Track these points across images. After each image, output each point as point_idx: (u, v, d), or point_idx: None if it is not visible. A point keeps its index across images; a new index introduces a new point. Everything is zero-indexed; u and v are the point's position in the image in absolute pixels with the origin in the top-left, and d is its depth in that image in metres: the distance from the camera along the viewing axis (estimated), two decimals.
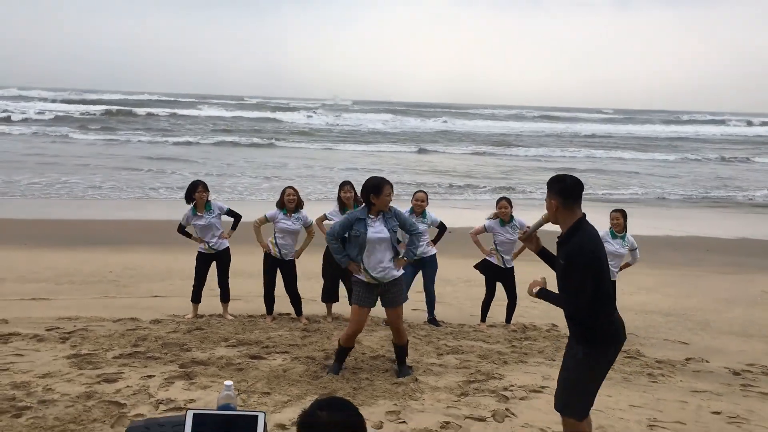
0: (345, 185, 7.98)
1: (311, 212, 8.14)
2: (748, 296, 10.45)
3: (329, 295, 8.19)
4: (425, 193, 8.41)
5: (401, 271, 5.93)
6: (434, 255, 8.34)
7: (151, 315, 7.74)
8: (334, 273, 8.01)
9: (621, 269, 8.21)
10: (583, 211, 3.97)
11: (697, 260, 13.26)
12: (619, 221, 8.05)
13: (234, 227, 8.10)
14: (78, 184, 19.73)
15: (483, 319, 8.23)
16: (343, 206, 7.85)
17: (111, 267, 10.62)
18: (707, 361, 7.07)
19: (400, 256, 5.93)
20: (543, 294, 4.08)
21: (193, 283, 7.95)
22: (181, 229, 8.05)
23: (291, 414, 4.79)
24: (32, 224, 13.98)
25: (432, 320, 8.19)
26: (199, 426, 2.39)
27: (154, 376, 5.47)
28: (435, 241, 8.33)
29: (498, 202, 8.18)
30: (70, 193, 18.58)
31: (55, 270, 10.18)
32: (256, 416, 2.43)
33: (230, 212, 8.04)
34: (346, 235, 5.83)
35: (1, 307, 7.81)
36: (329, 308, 8.24)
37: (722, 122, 77.68)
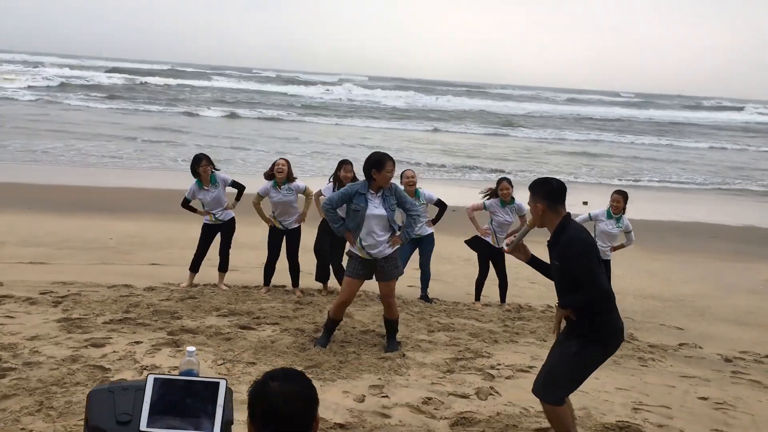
0: (345, 164, 7.89)
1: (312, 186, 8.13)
2: (749, 284, 10.37)
3: (322, 275, 8.17)
4: (413, 171, 8.28)
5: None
6: (431, 234, 8.29)
7: (146, 282, 7.77)
8: (324, 252, 7.99)
9: (614, 250, 8.14)
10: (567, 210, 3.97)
11: (701, 247, 13.15)
12: (619, 204, 7.96)
13: (238, 198, 8.09)
14: (89, 151, 19.83)
15: (477, 297, 8.21)
16: (340, 186, 7.79)
17: (112, 234, 10.66)
18: (700, 347, 7.02)
19: (396, 235, 5.90)
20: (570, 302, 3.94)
21: (194, 252, 7.97)
22: (186, 204, 8.04)
23: None
24: (39, 189, 14.05)
25: (424, 297, 8.18)
26: (160, 391, 2.38)
27: (141, 342, 5.49)
28: (435, 221, 8.27)
29: (499, 182, 8.10)
30: (81, 160, 18.66)
31: (56, 235, 10.23)
32: (218, 383, 2.41)
33: (234, 183, 8.03)
34: (344, 208, 5.81)
35: None
36: (325, 285, 8.23)
37: (742, 109, 76.68)
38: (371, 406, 4.61)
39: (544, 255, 4.12)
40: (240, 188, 8.07)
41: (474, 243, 8.27)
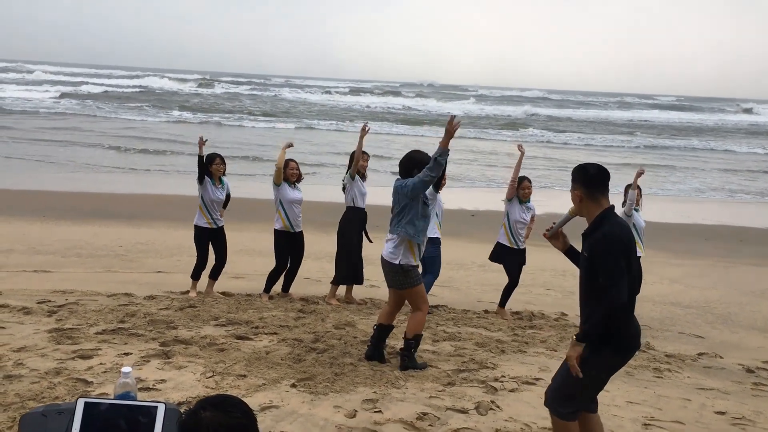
0: (364, 154, 7.88)
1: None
2: None
3: (352, 276, 7.84)
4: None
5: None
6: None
7: (148, 291, 7.63)
8: (351, 252, 7.77)
9: None
10: (611, 203, 3.69)
11: (729, 251, 12.70)
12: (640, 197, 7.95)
13: (224, 206, 7.93)
14: (99, 157, 19.97)
15: (502, 304, 7.91)
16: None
17: (122, 241, 10.59)
18: (721, 357, 6.67)
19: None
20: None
21: (196, 261, 7.81)
22: (202, 161, 7.65)
23: (262, 399, 4.60)
24: (52, 196, 14.07)
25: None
26: (91, 416, 2.18)
27: (131, 353, 5.32)
28: None
29: (520, 181, 7.84)
30: (93, 167, 18.75)
31: (65, 242, 10.18)
32: (156, 407, 2.21)
33: (227, 194, 7.95)
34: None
35: (1, 278, 7.80)
36: (349, 289, 7.97)
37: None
38: (362, 422, 4.37)
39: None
40: (228, 197, 7.95)
41: (496, 255, 7.97)
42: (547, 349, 6.42)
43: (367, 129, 7.79)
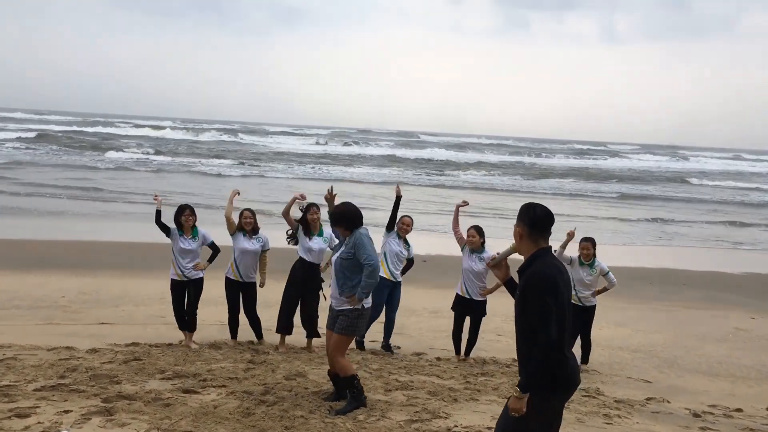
0: (312, 206, 7.83)
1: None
2: (719, 333, 10.19)
3: (284, 326, 7.88)
4: (410, 218, 8.36)
5: (358, 304, 5.73)
6: (400, 283, 8.16)
7: (91, 343, 7.38)
8: (292, 300, 7.80)
9: (597, 294, 7.98)
10: (549, 244, 3.76)
11: (672, 294, 13.00)
12: (589, 251, 7.90)
13: (211, 260, 7.83)
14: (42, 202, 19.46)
15: (457, 351, 8.01)
16: (308, 228, 7.72)
17: (65, 291, 10.26)
18: (668, 402, 6.77)
19: (354, 294, 5.70)
20: None
21: (173, 314, 7.80)
22: (160, 215, 7.55)
23: None
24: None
25: (386, 346, 8.12)
26: None
27: (71, 411, 5.11)
28: (403, 272, 8.21)
29: (468, 230, 7.92)
30: (45, 210, 18.26)
31: (5, 294, 9.79)
32: None
33: (212, 245, 7.86)
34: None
35: None
36: (282, 338, 7.93)
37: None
38: None
39: None
40: (215, 251, 7.88)
41: (454, 304, 8.05)
42: (499, 397, 6.40)
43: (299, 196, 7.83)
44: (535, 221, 3.72)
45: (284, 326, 7.83)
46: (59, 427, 4.77)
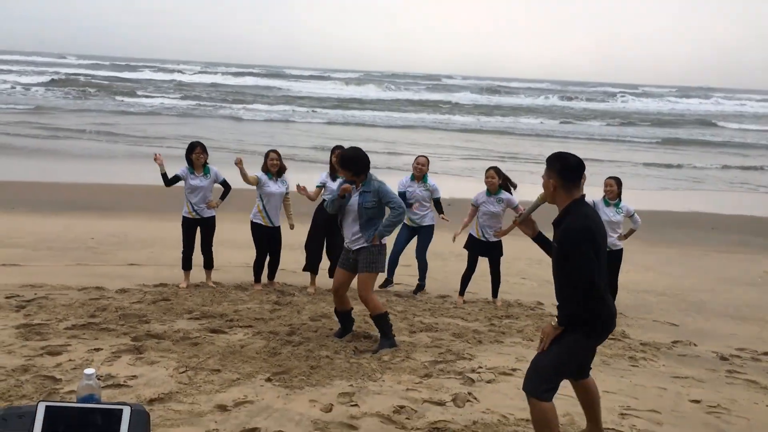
0: (337, 149, 7.73)
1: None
2: (748, 277, 10.05)
3: (312, 265, 7.96)
4: (426, 157, 8.33)
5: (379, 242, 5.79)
6: (431, 226, 8.25)
7: (121, 284, 7.49)
8: (318, 244, 7.86)
9: (624, 238, 7.85)
10: (583, 192, 3.72)
11: (701, 239, 12.83)
12: (613, 188, 7.69)
13: (223, 197, 7.82)
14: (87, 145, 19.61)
15: (461, 292, 7.94)
16: (333, 171, 7.67)
17: (94, 233, 10.39)
18: (695, 345, 6.72)
19: (376, 232, 5.70)
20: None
21: (181, 250, 7.76)
22: (166, 177, 7.57)
23: (236, 394, 4.52)
24: (25, 187, 13.78)
25: (421, 285, 8.29)
26: (53, 421, 2.09)
27: (102, 349, 5.21)
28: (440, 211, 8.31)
29: (486, 171, 7.84)
30: (72, 153, 18.43)
31: (36, 235, 9.96)
32: (121, 410, 2.13)
33: (224, 183, 7.83)
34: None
35: None
36: (312, 278, 8.01)
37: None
38: (338, 417, 4.32)
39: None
40: (227, 188, 7.86)
41: (467, 244, 8.01)
42: (523, 339, 6.41)
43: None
44: (568, 171, 3.65)
45: (312, 265, 7.89)
46: (90, 364, 4.86)
